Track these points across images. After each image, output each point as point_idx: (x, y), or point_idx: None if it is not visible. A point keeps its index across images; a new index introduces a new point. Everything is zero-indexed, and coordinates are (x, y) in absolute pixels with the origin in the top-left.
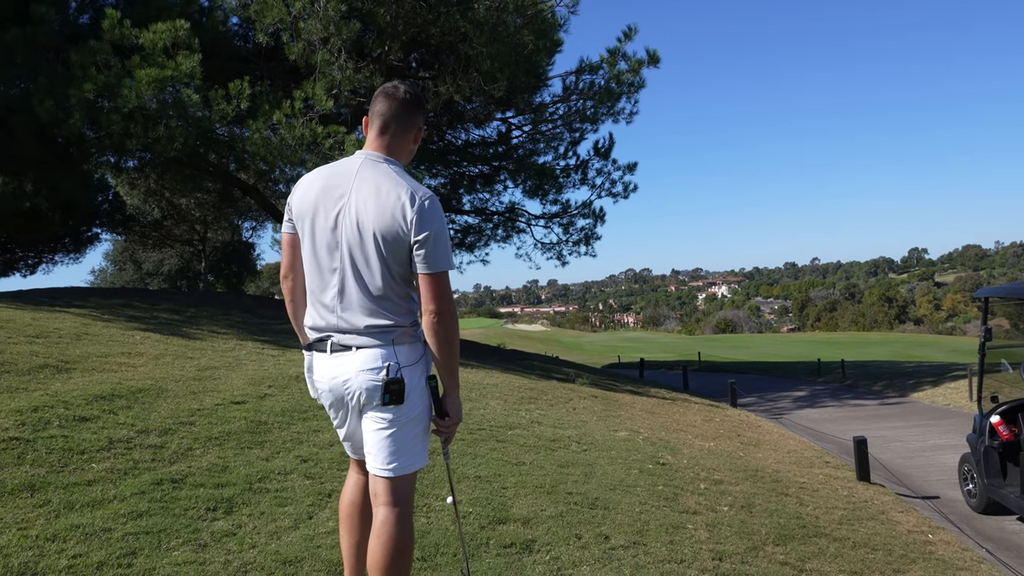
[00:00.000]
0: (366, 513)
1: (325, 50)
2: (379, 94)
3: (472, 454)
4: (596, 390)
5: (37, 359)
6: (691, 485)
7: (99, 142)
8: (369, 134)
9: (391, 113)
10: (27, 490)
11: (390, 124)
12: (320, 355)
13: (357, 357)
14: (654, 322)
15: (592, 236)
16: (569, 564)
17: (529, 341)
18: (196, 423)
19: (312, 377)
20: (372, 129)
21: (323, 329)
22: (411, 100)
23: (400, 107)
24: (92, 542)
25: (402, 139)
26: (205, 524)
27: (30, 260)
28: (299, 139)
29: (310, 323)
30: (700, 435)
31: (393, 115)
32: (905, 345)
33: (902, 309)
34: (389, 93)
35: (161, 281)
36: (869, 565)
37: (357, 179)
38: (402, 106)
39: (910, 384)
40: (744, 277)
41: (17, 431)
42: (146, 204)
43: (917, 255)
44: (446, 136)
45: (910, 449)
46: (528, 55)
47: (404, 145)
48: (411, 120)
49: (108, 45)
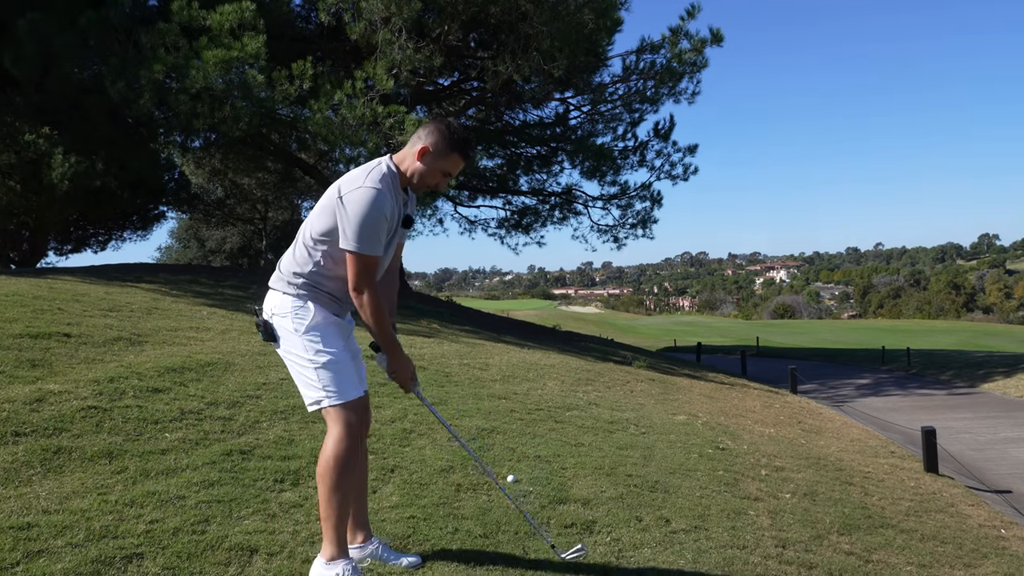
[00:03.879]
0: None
1: (386, 29)
2: (463, 150)
3: (531, 434)
4: (653, 373)
5: (111, 332)
6: (752, 471)
7: (167, 122)
8: (419, 161)
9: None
10: (105, 457)
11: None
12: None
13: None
14: (710, 306)
15: (649, 219)
16: (630, 546)
17: (583, 323)
18: (262, 397)
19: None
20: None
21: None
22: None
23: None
24: (167, 508)
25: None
26: (273, 495)
27: (100, 237)
28: (360, 119)
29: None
30: (760, 421)
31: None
32: (973, 334)
33: (970, 297)
34: (468, 158)
35: (223, 259)
36: (938, 558)
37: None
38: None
39: (980, 374)
40: (804, 262)
41: (95, 400)
42: (210, 183)
43: (988, 241)
44: (504, 116)
45: (980, 441)
46: (588, 34)
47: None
48: (416, 135)
49: (177, 27)
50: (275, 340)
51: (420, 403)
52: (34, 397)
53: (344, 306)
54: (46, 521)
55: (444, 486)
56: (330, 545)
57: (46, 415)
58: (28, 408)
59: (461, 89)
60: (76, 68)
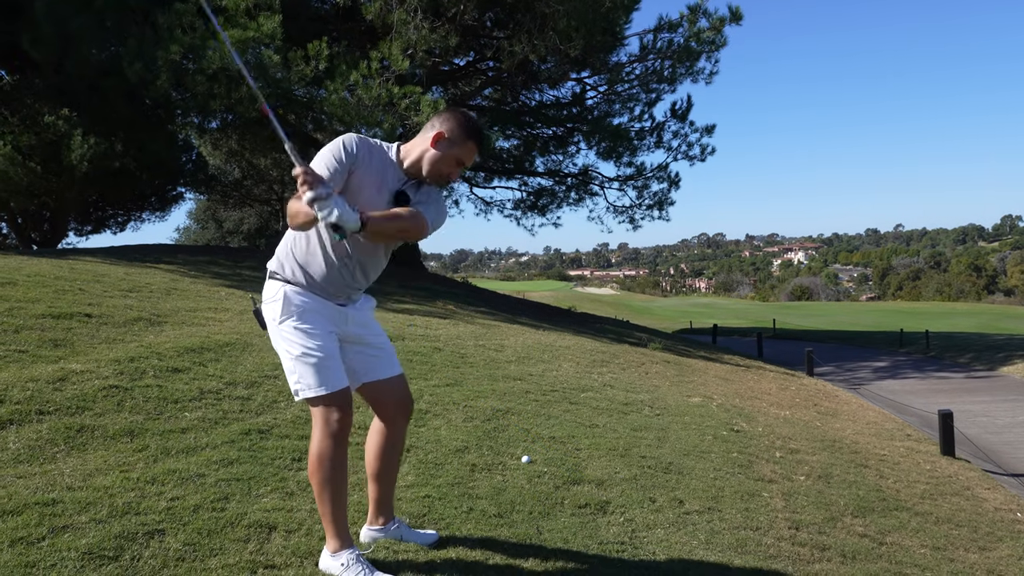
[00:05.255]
0: (372, 440)
1: (401, 9)
2: (475, 139)
3: (546, 415)
4: (668, 355)
5: (131, 312)
6: (766, 453)
7: (184, 103)
8: (433, 148)
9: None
10: (127, 435)
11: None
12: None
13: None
14: (727, 288)
15: (666, 200)
16: (643, 527)
17: (599, 305)
18: (279, 377)
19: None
20: (439, 146)
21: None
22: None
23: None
24: (188, 486)
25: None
26: (291, 473)
27: (119, 218)
28: (375, 100)
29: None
30: (775, 403)
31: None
32: (994, 316)
33: (992, 279)
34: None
35: (241, 239)
36: (953, 541)
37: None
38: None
39: (1000, 357)
40: (822, 243)
41: (116, 379)
42: (227, 164)
43: (1011, 222)
44: (520, 97)
45: (998, 425)
46: (605, 13)
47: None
48: (430, 123)
49: (193, 7)
50: (265, 328)
51: (435, 384)
52: (57, 376)
53: (339, 289)
54: (70, 497)
55: (459, 466)
56: (332, 539)
57: (69, 394)
58: (51, 387)
59: (477, 69)
60: (94, 50)
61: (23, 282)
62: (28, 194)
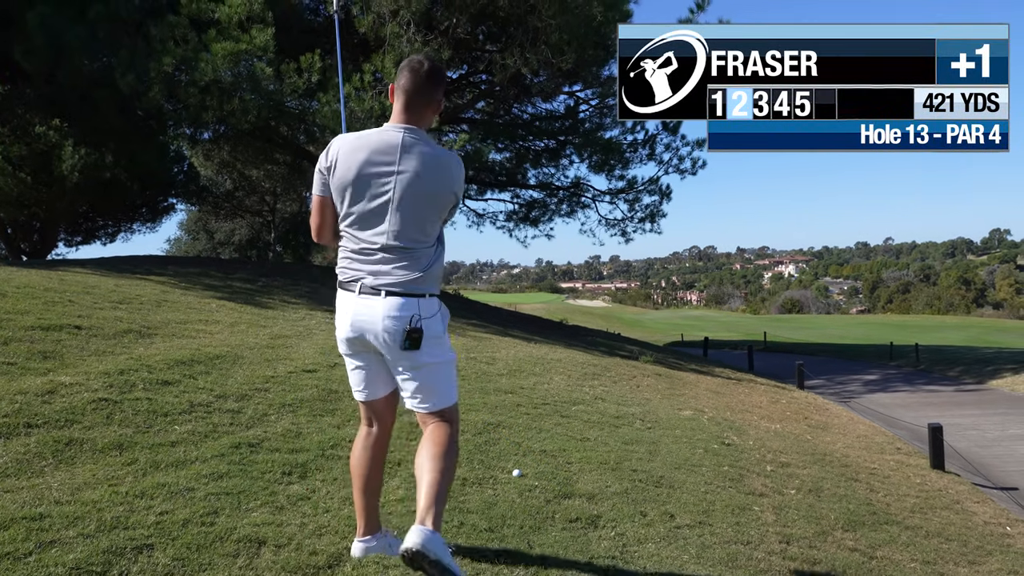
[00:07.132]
0: (377, 449)
1: (394, 22)
2: (404, 67)
3: (537, 428)
4: (660, 368)
5: (121, 324)
6: (757, 467)
7: (176, 115)
8: (396, 106)
9: (414, 88)
10: (116, 449)
11: (413, 99)
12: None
13: (386, 302)
14: (718, 300)
15: (658, 213)
16: (634, 541)
17: (590, 317)
18: (270, 390)
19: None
20: (398, 102)
21: (358, 278)
22: (431, 75)
23: (422, 82)
24: (177, 500)
25: (423, 113)
26: (281, 487)
27: (110, 229)
28: (368, 112)
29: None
30: (766, 416)
31: (416, 90)
32: (983, 330)
33: (980, 292)
34: (414, 68)
35: (232, 251)
36: (943, 555)
37: (403, 151)
38: (424, 80)
39: (988, 371)
40: (812, 256)
41: (106, 392)
42: (219, 175)
43: (999, 236)
44: (512, 110)
45: (988, 438)
46: (597, 27)
47: (425, 118)
48: (431, 95)
49: (186, 19)
50: (410, 346)
51: None
52: (46, 389)
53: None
54: (58, 512)
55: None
56: (439, 518)
57: (58, 407)
58: (40, 400)
59: (469, 82)
60: (86, 61)
61: (12, 293)
62: (18, 204)
